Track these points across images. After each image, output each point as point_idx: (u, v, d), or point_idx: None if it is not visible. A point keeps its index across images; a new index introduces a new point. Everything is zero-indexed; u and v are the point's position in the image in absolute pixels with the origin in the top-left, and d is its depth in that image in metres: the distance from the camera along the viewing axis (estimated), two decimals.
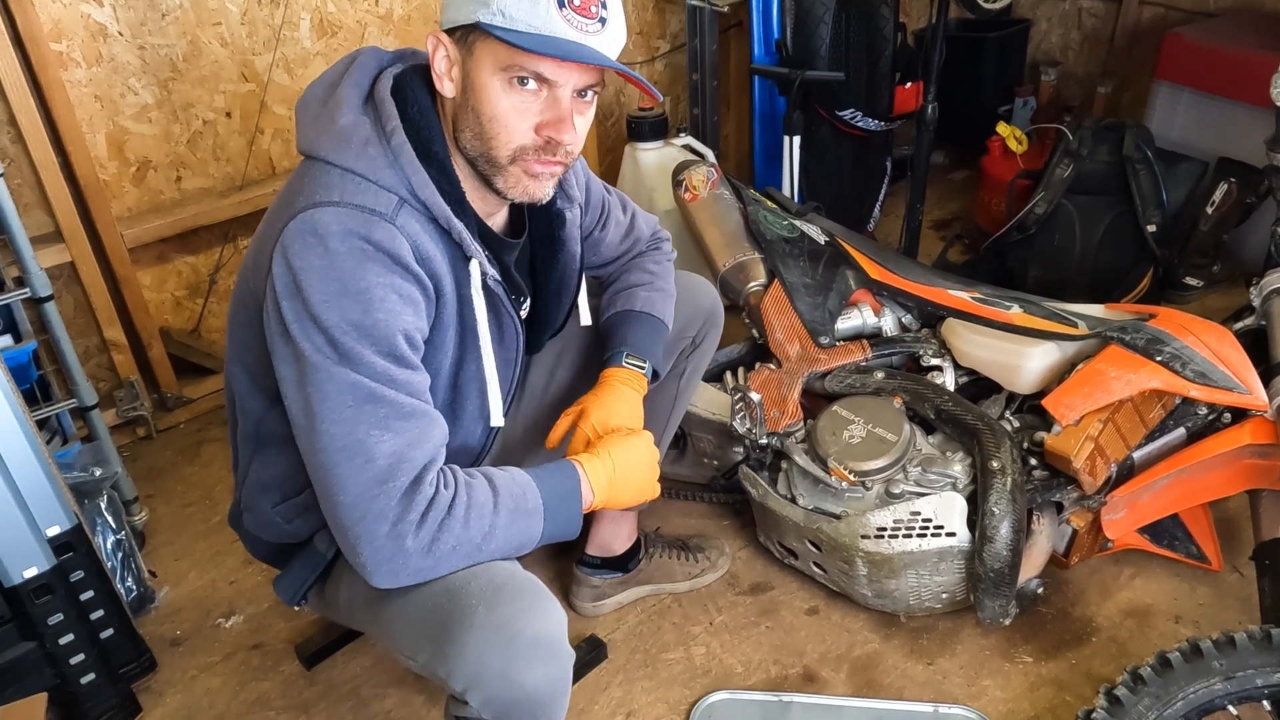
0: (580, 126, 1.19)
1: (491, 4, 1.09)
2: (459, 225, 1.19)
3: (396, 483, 1.10)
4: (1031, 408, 1.79)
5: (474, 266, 1.23)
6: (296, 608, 1.41)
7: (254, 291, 1.19)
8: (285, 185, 1.21)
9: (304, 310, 1.09)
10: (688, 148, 2.67)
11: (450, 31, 1.15)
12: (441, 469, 1.15)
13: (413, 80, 1.20)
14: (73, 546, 1.57)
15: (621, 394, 1.46)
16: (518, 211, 1.36)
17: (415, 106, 1.18)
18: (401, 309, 1.13)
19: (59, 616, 1.55)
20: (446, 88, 1.18)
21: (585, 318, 1.50)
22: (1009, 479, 1.59)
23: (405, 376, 1.13)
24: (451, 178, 1.20)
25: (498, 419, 1.33)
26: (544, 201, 1.25)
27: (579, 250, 1.42)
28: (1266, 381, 1.66)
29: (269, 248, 1.13)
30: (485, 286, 1.25)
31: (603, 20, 1.13)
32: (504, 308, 1.30)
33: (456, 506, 1.13)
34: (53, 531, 1.54)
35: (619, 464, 1.31)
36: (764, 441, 1.80)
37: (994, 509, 1.58)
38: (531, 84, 1.14)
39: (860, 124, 2.74)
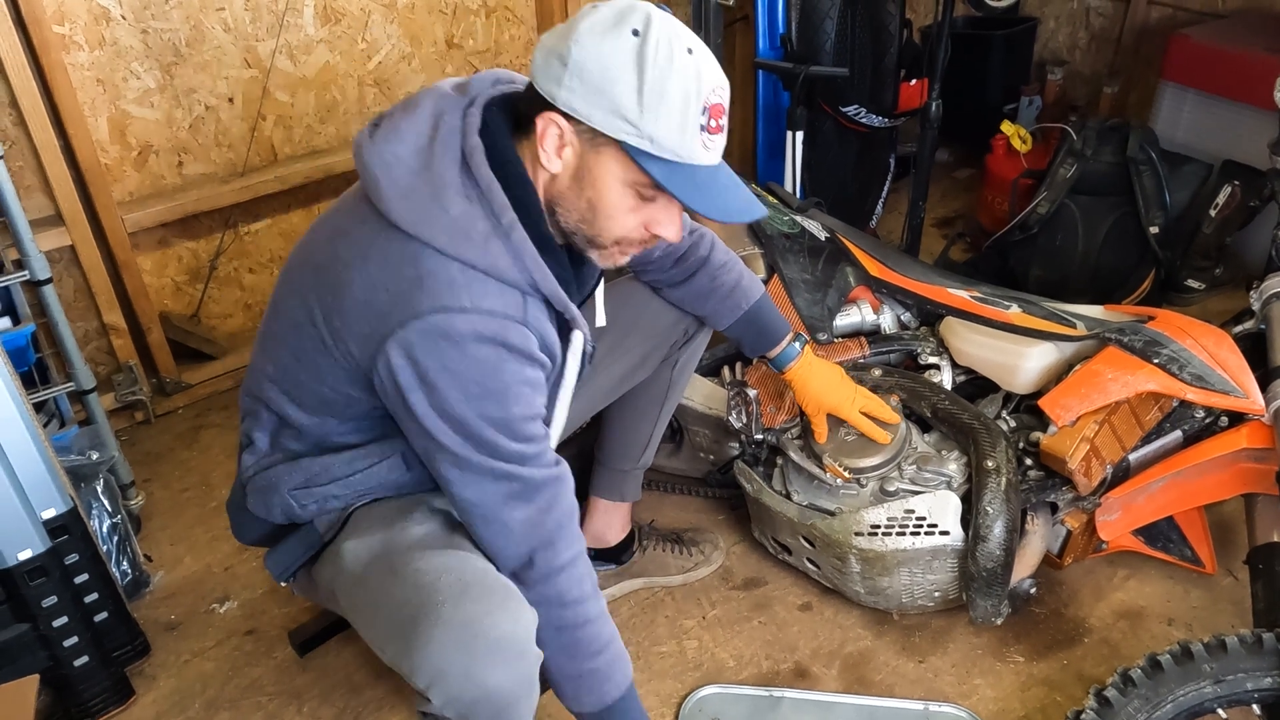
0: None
1: (642, 129, 1.08)
2: (573, 309, 1.22)
3: (529, 548, 1.21)
4: (1028, 408, 1.79)
5: (576, 338, 1.26)
6: (284, 584, 1.42)
7: (337, 347, 1.18)
8: (370, 253, 1.14)
9: (438, 406, 1.13)
10: None
11: (570, 117, 1.10)
12: (583, 571, 1.26)
13: (505, 145, 1.15)
14: (68, 529, 1.57)
15: (829, 373, 1.68)
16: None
17: (519, 186, 1.15)
18: (533, 396, 1.18)
19: (53, 599, 1.55)
20: (552, 164, 1.14)
21: (601, 319, 1.49)
22: (1004, 478, 1.59)
23: (535, 450, 1.19)
24: (562, 260, 1.22)
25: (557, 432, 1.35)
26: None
27: None
28: (1264, 386, 1.66)
29: (378, 333, 1.12)
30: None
31: (724, 127, 1.14)
32: (586, 361, 1.34)
33: (566, 613, 1.24)
34: (48, 514, 1.54)
35: None
36: (759, 437, 1.80)
37: (988, 508, 1.58)
38: (659, 198, 1.16)
39: (864, 120, 2.73)
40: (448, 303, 1.10)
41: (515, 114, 1.17)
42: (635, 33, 1.07)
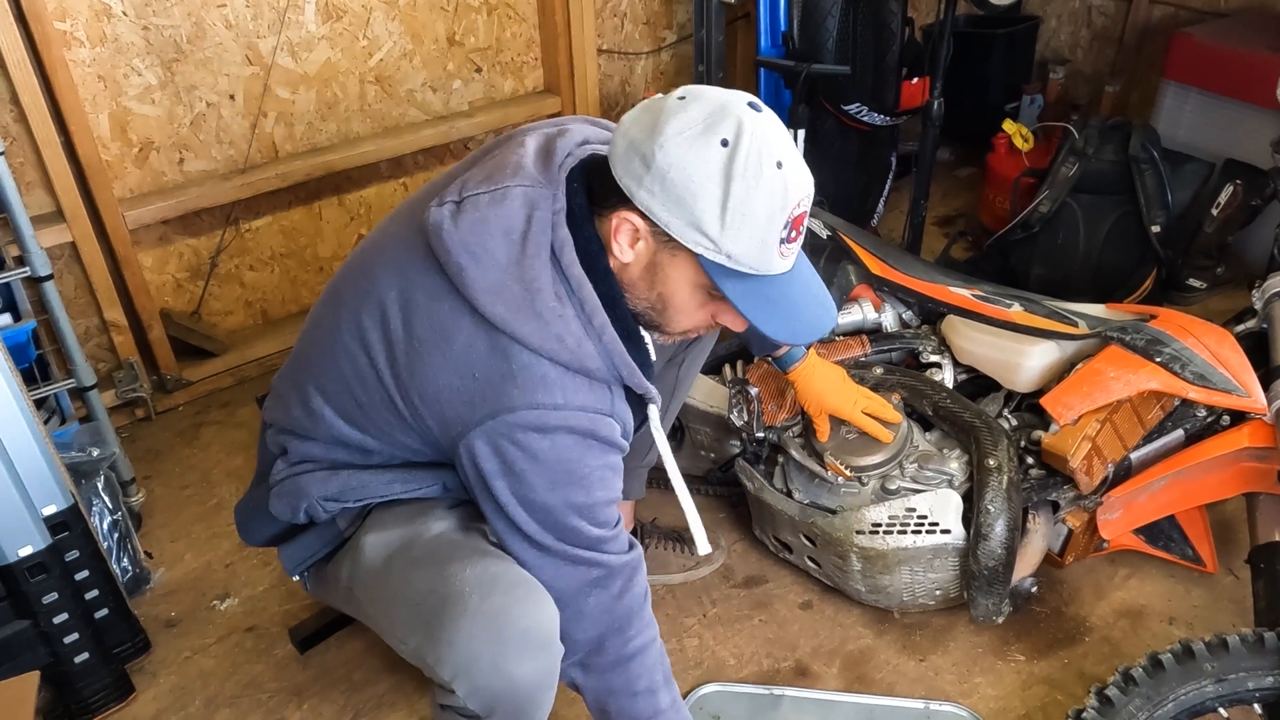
0: None
1: (720, 246, 1.05)
2: (653, 390, 1.21)
3: (599, 632, 1.23)
4: (1030, 406, 1.79)
5: (653, 411, 1.26)
6: (296, 578, 1.41)
7: (411, 413, 1.17)
8: (456, 337, 1.12)
9: (522, 494, 1.13)
10: None
11: (647, 217, 1.08)
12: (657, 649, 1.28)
13: (590, 237, 1.13)
14: (68, 526, 1.57)
15: (831, 374, 1.68)
16: None
17: (604, 281, 1.14)
18: (614, 481, 1.19)
19: (53, 595, 1.55)
20: (624, 255, 1.12)
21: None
22: (1005, 477, 1.59)
23: (613, 534, 1.20)
24: (644, 351, 1.22)
25: (704, 548, 1.34)
26: None
27: None
28: (1266, 385, 1.66)
29: (464, 420, 1.11)
30: None
31: (804, 230, 1.11)
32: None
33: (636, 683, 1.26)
34: (48, 511, 1.54)
35: None
36: (761, 435, 1.80)
37: (989, 507, 1.58)
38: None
39: (866, 119, 2.72)
40: (542, 400, 1.10)
41: (592, 187, 1.14)
42: (725, 143, 1.03)
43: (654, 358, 1.33)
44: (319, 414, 1.26)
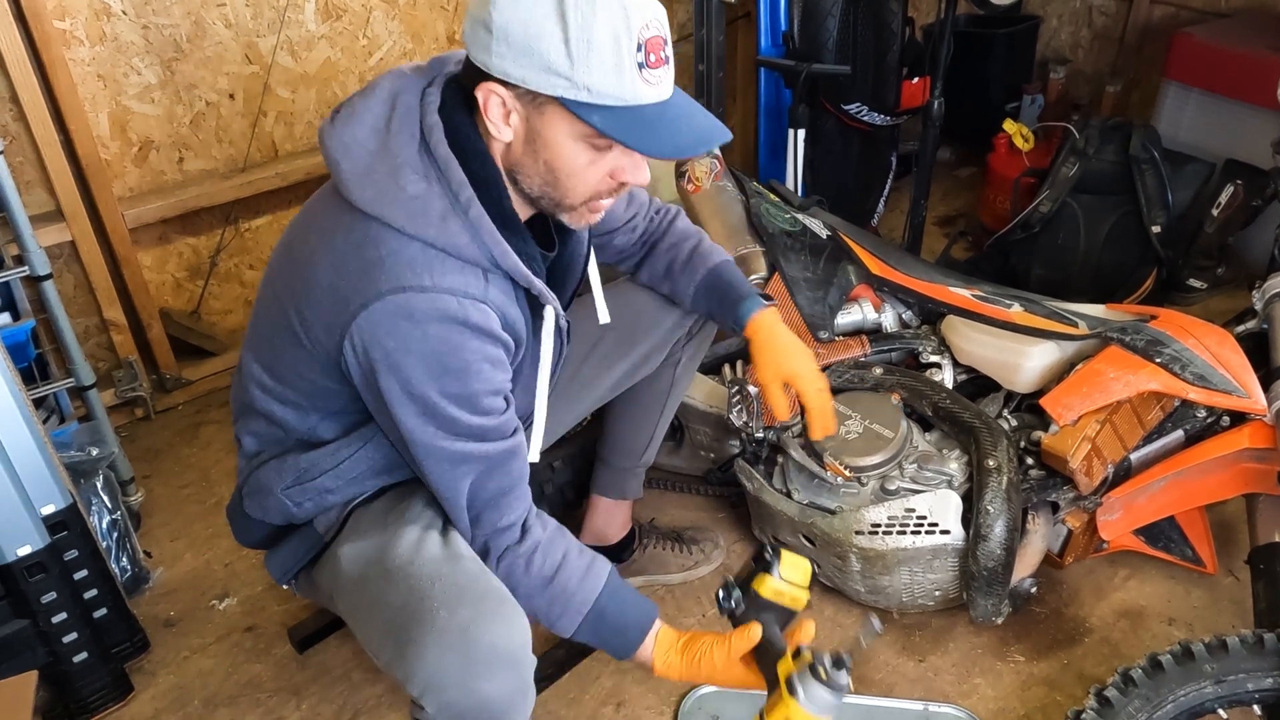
0: None
1: (576, 80, 1.05)
2: (539, 284, 1.21)
3: (486, 520, 1.23)
4: (1030, 407, 1.78)
5: (548, 313, 1.26)
6: (285, 586, 1.41)
7: (308, 336, 1.18)
8: (334, 238, 1.15)
9: (403, 388, 1.13)
10: None
11: (507, 83, 1.08)
12: (524, 515, 1.26)
13: (462, 121, 1.14)
14: (67, 525, 1.57)
15: (788, 341, 1.51)
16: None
17: (477, 160, 1.14)
18: (494, 373, 1.17)
19: (52, 595, 1.55)
20: (502, 134, 1.12)
21: (603, 315, 1.48)
22: (1005, 478, 1.59)
23: (495, 423, 1.19)
24: (523, 234, 1.20)
25: (534, 456, 1.33)
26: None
27: (586, 238, 1.41)
28: (1266, 386, 1.66)
29: (342, 317, 1.12)
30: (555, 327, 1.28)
31: (667, 58, 1.10)
32: (563, 338, 1.32)
33: (532, 564, 1.25)
34: (47, 510, 1.54)
35: (696, 670, 1.31)
36: (760, 435, 1.80)
37: (989, 507, 1.58)
38: (614, 145, 1.12)
39: (866, 118, 2.72)
40: (408, 281, 1.10)
41: (464, 85, 1.16)
42: None
43: (596, 290, 1.39)
44: (248, 375, 1.30)
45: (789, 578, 1.27)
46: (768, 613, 1.27)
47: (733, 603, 1.28)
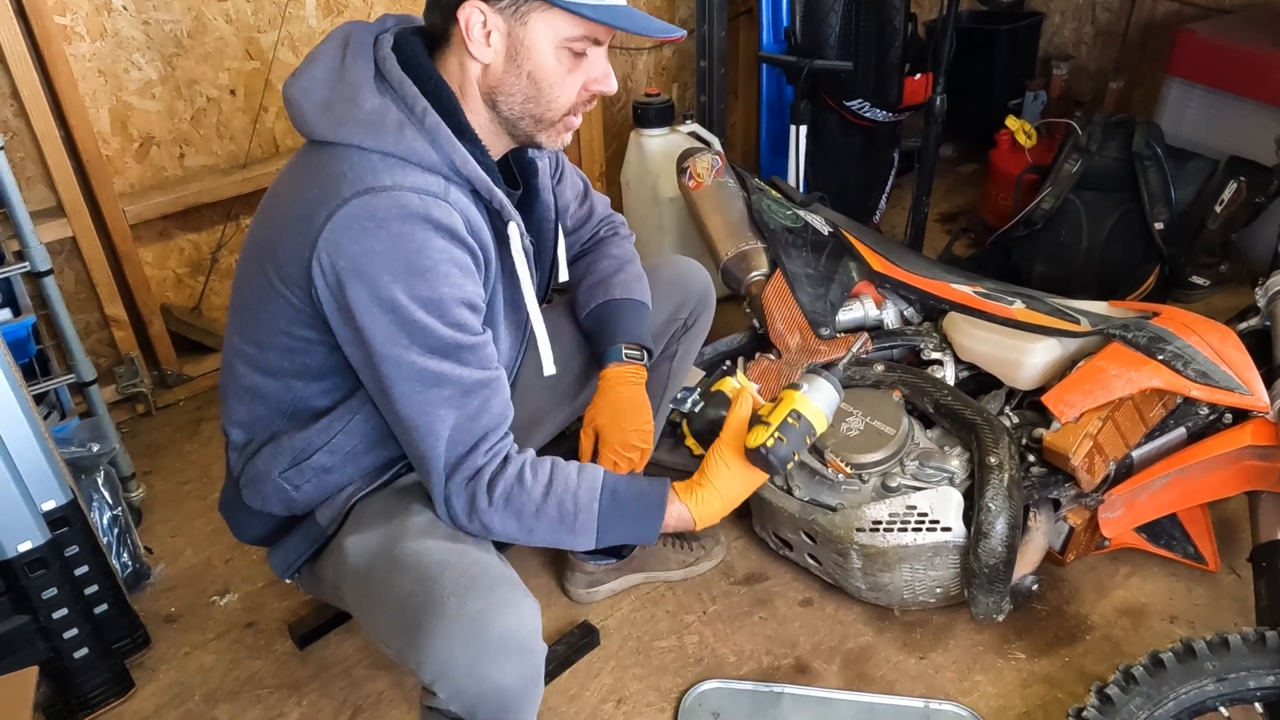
0: None
1: None
2: (500, 195, 1.22)
3: (468, 464, 1.19)
4: (1031, 404, 1.78)
5: (512, 229, 1.26)
6: (288, 580, 1.41)
7: (283, 280, 1.18)
8: (299, 173, 1.19)
9: (371, 293, 1.12)
10: (693, 135, 2.65)
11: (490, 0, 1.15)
12: (508, 449, 1.22)
13: (416, 50, 1.20)
14: (68, 521, 1.57)
15: (624, 400, 1.49)
16: (503, 161, 1.36)
17: (431, 81, 1.18)
18: (464, 280, 1.17)
19: (53, 591, 1.55)
20: (483, 54, 1.17)
21: (564, 273, 1.50)
22: (1006, 475, 1.59)
23: (471, 342, 1.18)
24: (481, 147, 1.23)
25: (550, 369, 1.37)
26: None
27: (553, 200, 1.44)
28: (1269, 383, 1.65)
29: (309, 236, 1.12)
30: (522, 246, 1.29)
31: None
32: (531, 265, 1.33)
33: (525, 479, 1.21)
34: (48, 506, 1.54)
35: (720, 482, 1.31)
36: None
37: (990, 504, 1.57)
38: (589, 51, 1.19)
39: (868, 115, 2.72)
40: (370, 183, 1.11)
41: (431, 36, 1.22)
42: None
43: (556, 248, 1.42)
44: (232, 351, 1.31)
45: (743, 382, 1.40)
46: (724, 407, 1.37)
47: (688, 404, 1.40)
